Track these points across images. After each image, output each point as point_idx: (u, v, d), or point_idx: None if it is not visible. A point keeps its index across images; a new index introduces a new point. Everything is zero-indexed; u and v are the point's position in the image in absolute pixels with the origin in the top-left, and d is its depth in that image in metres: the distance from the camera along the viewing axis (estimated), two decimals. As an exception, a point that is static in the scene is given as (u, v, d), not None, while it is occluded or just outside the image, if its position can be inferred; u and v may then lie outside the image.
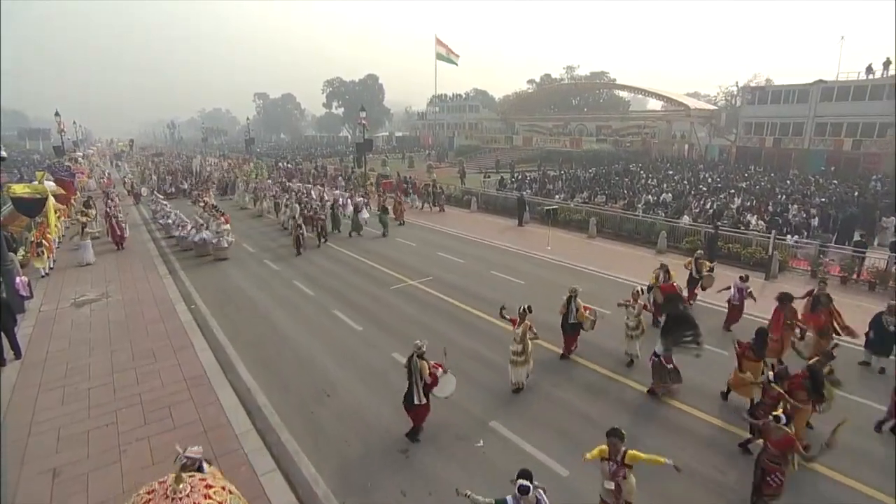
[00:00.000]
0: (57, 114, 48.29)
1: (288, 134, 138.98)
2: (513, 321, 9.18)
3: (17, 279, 13.18)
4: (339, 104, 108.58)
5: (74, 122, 72.88)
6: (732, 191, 25.93)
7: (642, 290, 10.72)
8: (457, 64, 59.37)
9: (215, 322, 12.78)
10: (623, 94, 77.94)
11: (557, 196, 28.05)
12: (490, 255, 18.82)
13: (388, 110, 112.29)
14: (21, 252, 18.32)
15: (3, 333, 10.57)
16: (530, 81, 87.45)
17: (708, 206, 22.63)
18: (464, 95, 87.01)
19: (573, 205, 24.81)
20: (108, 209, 23.94)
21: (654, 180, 31.38)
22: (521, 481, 4.81)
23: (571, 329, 10.36)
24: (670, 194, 25.73)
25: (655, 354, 8.91)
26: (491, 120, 78.63)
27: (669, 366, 8.88)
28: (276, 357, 10.88)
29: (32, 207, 18.86)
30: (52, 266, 17.75)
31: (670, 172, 35.74)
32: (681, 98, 54.69)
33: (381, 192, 29.21)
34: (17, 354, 10.73)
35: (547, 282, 15.42)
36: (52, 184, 22.41)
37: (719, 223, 18.99)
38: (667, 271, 11.83)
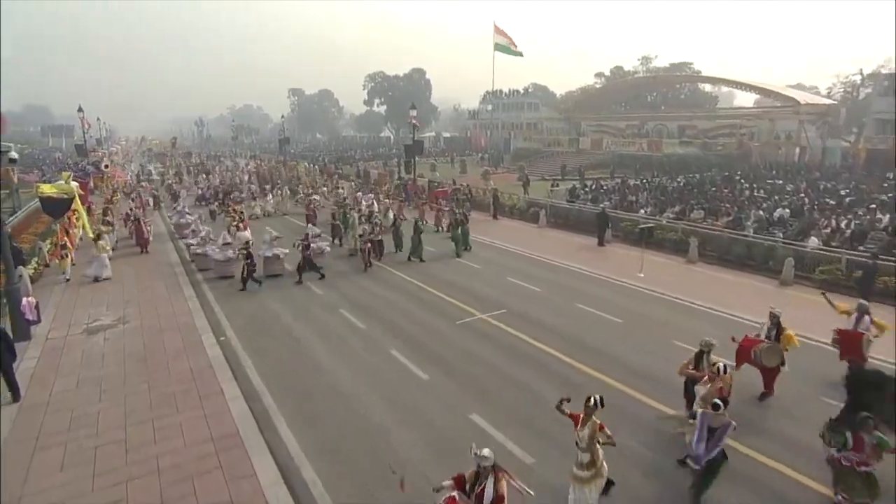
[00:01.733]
0: (80, 110, 50.09)
1: (324, 133, 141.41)
2: (574, 418, 7.06)
3: (24, 301, 12.61)
4: (382, 101, 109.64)
5: (98, 119, 75.90)
6: (873, 205, 23.35)
7: (723, 367, 8.03)
8: (521, 54, 58.14)
9: (249, 360, 11.76)
10: (707, 87, 74.76)
11: (642, 210, 26.20)
12: (571, 282, 17.27)
13: (436, 108, 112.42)
14: (33, 264, 18.15)
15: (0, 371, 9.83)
16: (598, 75, 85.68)
17: (844, 226, 20.33)
18: (521, 91, 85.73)
19: (665, 221, 22.94)
20: (128, 211, 24.16)
21: (762, 191, 28.97)
22: None
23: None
24: (788, 210, 23.44)
25: (834, 449, 6.94)
26: (552, 119, 77.12)
27: (863, 468, 6.88)
28: (325, 411, 9.67)
29: (59, 208, 19.51)
30: (70, 268, 18.43)
31: (779, 182, 33.07)
32: (785, 91, 51.30)
33: (435, 203, 28.08)
34: (16, 396, 9.95)
35: (649, 320, 13.75)
36: (74, 184, 22.84)
37: (874, 249, 16.77)
38: (777, 325, 9.80)
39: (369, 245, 19.28)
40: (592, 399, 6.89)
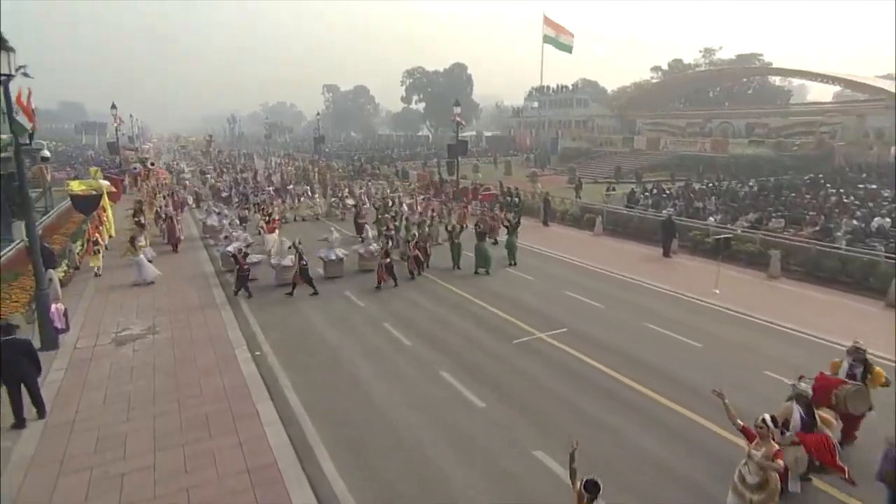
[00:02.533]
0: (113, 107, 51.50)
1: (359, 131, 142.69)
2: (748, 433, 6.65)
3: (53, 307, 12.54)
4: (420, 98, 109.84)
5: (131, 116, 78.17)
6: None
7: (769, 420, 6.63)
8: (570, 50, 57.23)
9: (286, 379, 11.36)
10: (777, 81, 71.80)
11: (711, 218, 24.98)
12: (637, 298, 16.39)
13: (477, 105, 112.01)
14: (63, 266, 18.32)
15: (25, 385, 9.63)
16: (655, 69, 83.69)
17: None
18: (570, 87, 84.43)
19: (740, 231, 21.74)
20: (158, 209, 25.25)
21: (852, 197, 27.29)
22: None
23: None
24: (888, 218, 21.90)
25: None
26: (604, 117, 75.73)
27: None
28: (370, 440, 9.14)
29: (88, 204, 20.44)
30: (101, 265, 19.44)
31: (872, 186, 31.15)
32: (874, 82, 48.44)
33: (484, 208, 27.46)
34: (41, 412, 9.75)
35: (733, 345, 12.80)
36: (107, 182, 23.54)
37: None
38: (864, 361, 8.65)
39: (417, 252, 18.79)
40: (762, 418, 6.50)
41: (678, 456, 8.62)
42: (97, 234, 20.46)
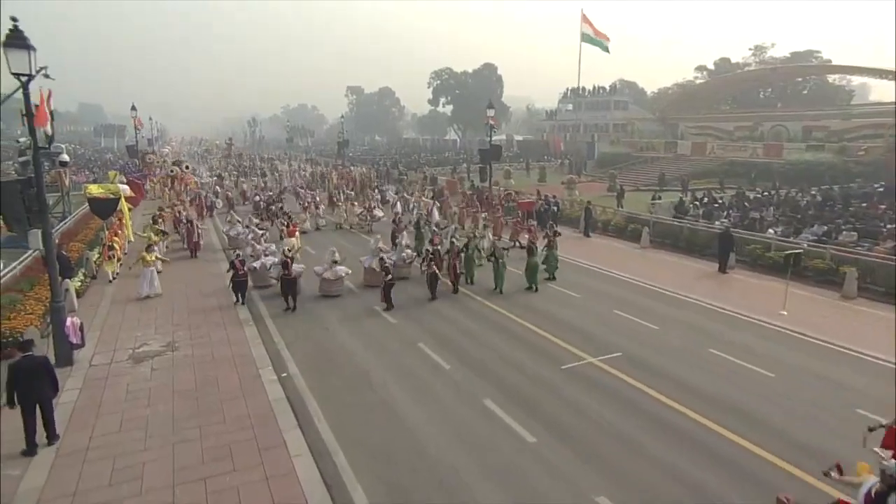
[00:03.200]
0: (133, 108, 52.36)
1: (383, 135, 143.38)
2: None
3: (69, 321, 12.30)
4: (448, 100, 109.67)
5: (150, 118, 79.42)
6: None
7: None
8: (607, 49, 56.55)
9: (315, 405, 10.89)
10: (834, 80, 69.47)
11: (771, 230, 24.00)
12: (695, 320, 15.61)
13: (507, 108, 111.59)
14: (80, 276, 18.25)
15: (39, 406, 9.32)
16: (700, 69, 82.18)
17: None
18: (607, 89, 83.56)
19: (806, 245, 20.75)
20: (177, 214, 26.04)
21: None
22: None
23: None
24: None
25: None
26: (644, 120, 74.61)
27: None
28: (409, 480, 8.59)
29: (106, 208, 20.70)
30: (118, 272, 20.07)
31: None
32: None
33: (520, 218, 26.83)
34: (52, 438, 9.43)
35: (810, 376, 11.99)
36: (125, 187, 24.01)
37: None
38: None
39: (456, 265, 18.23)
40: None
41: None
42: (114, 239, 20.83)
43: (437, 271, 17.45)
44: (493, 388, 11.51)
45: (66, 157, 18.42)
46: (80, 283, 17.80)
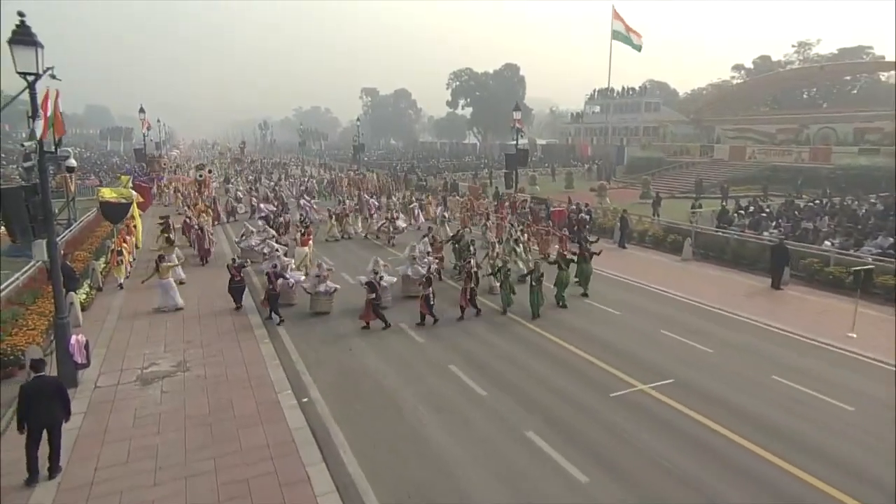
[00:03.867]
0: (142, 110, 52.65)
1: (399, 139, 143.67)
2: None
3: (73, 339, 11.93)
4: (467, 102, 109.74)
5: (159, 121, 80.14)
6: None
7: None
8: (639, 48, 55.90)
9: (341, 435, 10.34)
10: (887, 77, 67.60)
11: (828, 242, 23.15)
12: (752, 342, 14.87)
13: (530, 111, 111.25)
14: (85, 288, 17.98)
15: (48, 432, 8.95)
16: (737, 68, 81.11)
17: None
18: (637, 89, 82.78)
19: (871, 259, 19.90)
20: (187, 219, 27.07)
21: None
22: None
23: None
24: None
25: None
26: (677, 123, 73.71)
27: None
28: (449, 525, 8.03)
29: (118, 213, 21.37)
30: (127, 276, 20.56)
31: None
32: None
33: (552, 229, 26.16)
34: (54, 470, 8.99)
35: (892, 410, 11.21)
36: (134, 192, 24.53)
37: None
38: None
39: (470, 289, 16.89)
40: None
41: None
42: (123, 245, 21.22)
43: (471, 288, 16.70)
44: (537, 418, 10.89)
45: (73, 162, 18.39)
46: (85, 296, 17.52)
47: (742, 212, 29.68)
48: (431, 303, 16.14)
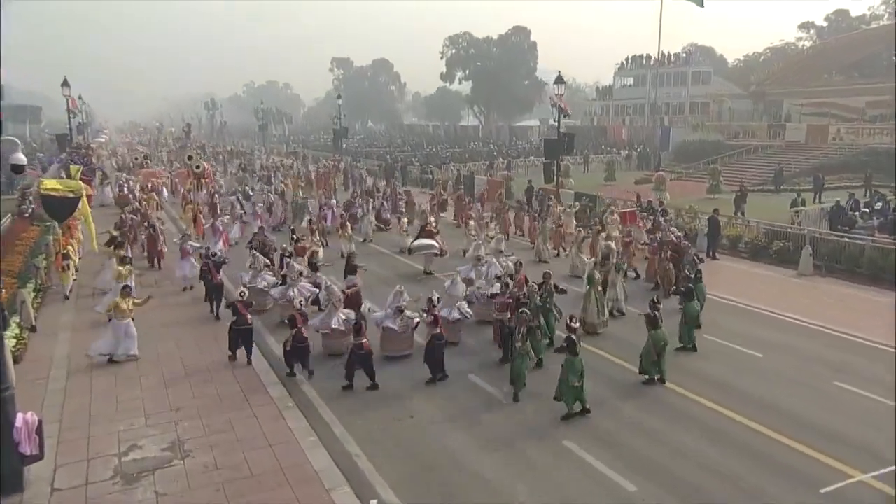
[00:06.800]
0: (66, 84, 50.53)
1: (379, 120, 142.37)
2: None
3: (20, 418, 9.82)
4: (465, 75, 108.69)
5: (80, 98, 77.35)
6: None
7: None
8: (700, 2, 54.63)
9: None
10: None
11: None
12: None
13: (543, 85, 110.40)
14: (13, 328, 15.73)
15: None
16: (805, 26, 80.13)
17: None
18: (682, 55, 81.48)
19: None
20: (123, 216, 27.53)
21: None
22: None
23: None
24: None
25: None
26: (734, 97, 72.89)
27: None
28: None
29: (64, 208, 20.85)
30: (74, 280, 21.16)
31: None
32: None
33: (627, 236, 24.25)
34: None
35: None
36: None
37: None
38: None
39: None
40: None
41: None
42: (69, 247, 21.91)
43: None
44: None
45: (22, 158, 16.53)
46: (16, 341, 15.33)
47: (866, 210, 28.09)
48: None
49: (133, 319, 15.93)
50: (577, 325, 13.26)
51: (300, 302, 15.21)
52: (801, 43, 78.29)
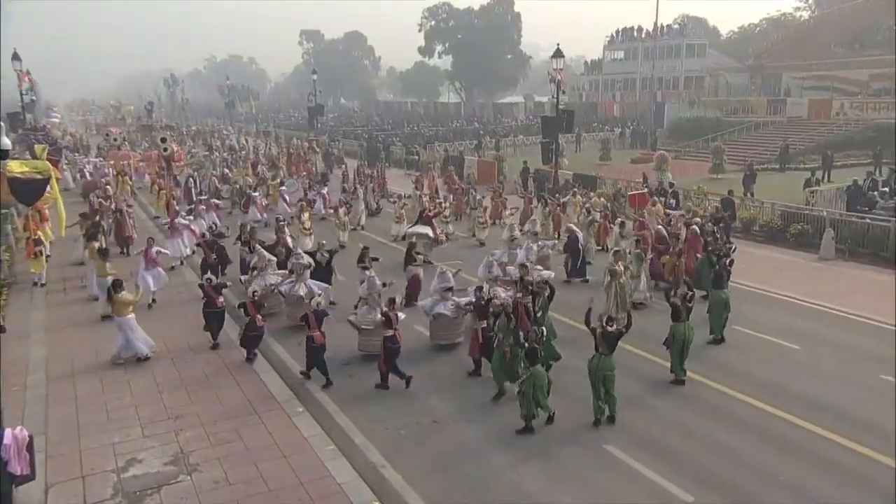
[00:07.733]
0: (16, 56, 49.29)
1: (353, 97, 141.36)
2: None
3: (8, 434, 9.21)
4: (445, 49, 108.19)
5: (28, 72, 75.42)
6: None
7: None
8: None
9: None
10: None
11: None
12: None
13: (528, 58, 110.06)
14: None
15: None
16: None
17: None
18: (674, 26, 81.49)
19: None
20: (98, 205, 27.13)
21: None
22: None
23: None
24: None
25: None
26: (731, 71, 73.11)
27: None
28: None
29: (32, 191, 20.70)
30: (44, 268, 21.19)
31: None
32: None
33: (639, 219, 23.96)
34: None
35: None
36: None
37: None
38: None
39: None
40: None
41: None
42: (39, 233, 21.88)
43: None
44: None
45: (7, 143, 16.19)
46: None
47: (885, 189, 28.10)
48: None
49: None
50: (614, 326, 12.65)
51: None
52: (799, 13, 78.56)
